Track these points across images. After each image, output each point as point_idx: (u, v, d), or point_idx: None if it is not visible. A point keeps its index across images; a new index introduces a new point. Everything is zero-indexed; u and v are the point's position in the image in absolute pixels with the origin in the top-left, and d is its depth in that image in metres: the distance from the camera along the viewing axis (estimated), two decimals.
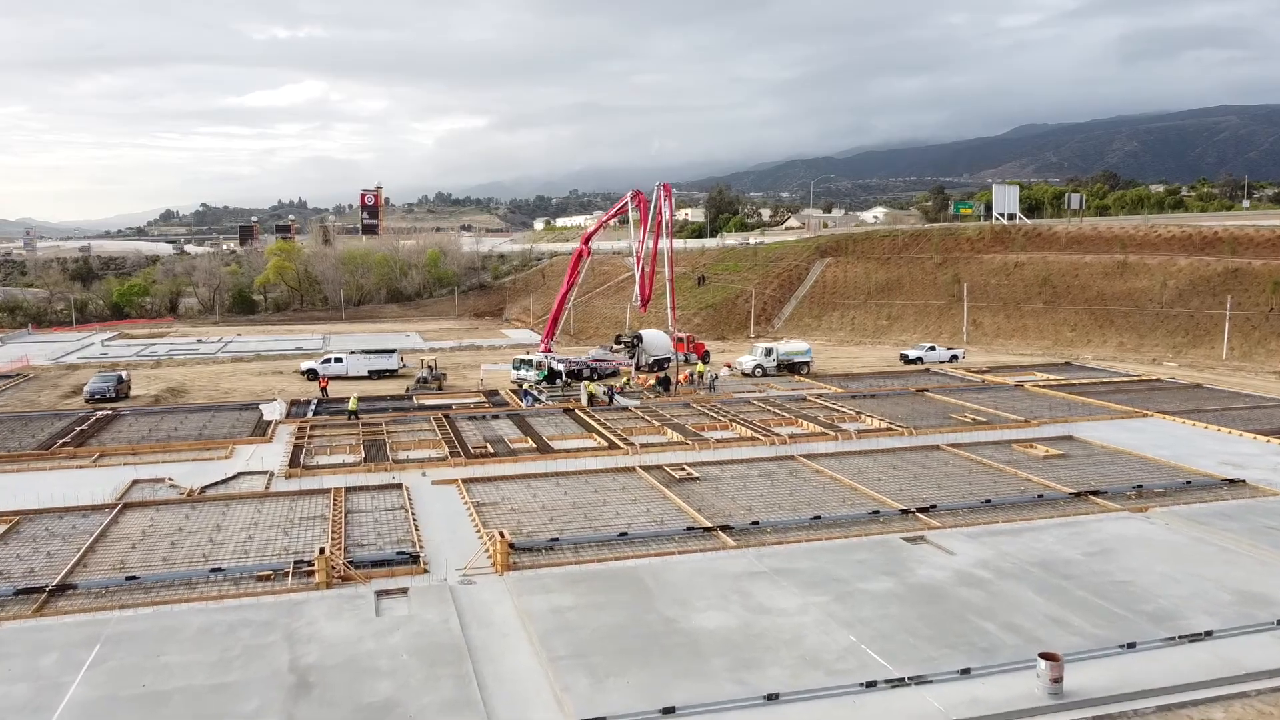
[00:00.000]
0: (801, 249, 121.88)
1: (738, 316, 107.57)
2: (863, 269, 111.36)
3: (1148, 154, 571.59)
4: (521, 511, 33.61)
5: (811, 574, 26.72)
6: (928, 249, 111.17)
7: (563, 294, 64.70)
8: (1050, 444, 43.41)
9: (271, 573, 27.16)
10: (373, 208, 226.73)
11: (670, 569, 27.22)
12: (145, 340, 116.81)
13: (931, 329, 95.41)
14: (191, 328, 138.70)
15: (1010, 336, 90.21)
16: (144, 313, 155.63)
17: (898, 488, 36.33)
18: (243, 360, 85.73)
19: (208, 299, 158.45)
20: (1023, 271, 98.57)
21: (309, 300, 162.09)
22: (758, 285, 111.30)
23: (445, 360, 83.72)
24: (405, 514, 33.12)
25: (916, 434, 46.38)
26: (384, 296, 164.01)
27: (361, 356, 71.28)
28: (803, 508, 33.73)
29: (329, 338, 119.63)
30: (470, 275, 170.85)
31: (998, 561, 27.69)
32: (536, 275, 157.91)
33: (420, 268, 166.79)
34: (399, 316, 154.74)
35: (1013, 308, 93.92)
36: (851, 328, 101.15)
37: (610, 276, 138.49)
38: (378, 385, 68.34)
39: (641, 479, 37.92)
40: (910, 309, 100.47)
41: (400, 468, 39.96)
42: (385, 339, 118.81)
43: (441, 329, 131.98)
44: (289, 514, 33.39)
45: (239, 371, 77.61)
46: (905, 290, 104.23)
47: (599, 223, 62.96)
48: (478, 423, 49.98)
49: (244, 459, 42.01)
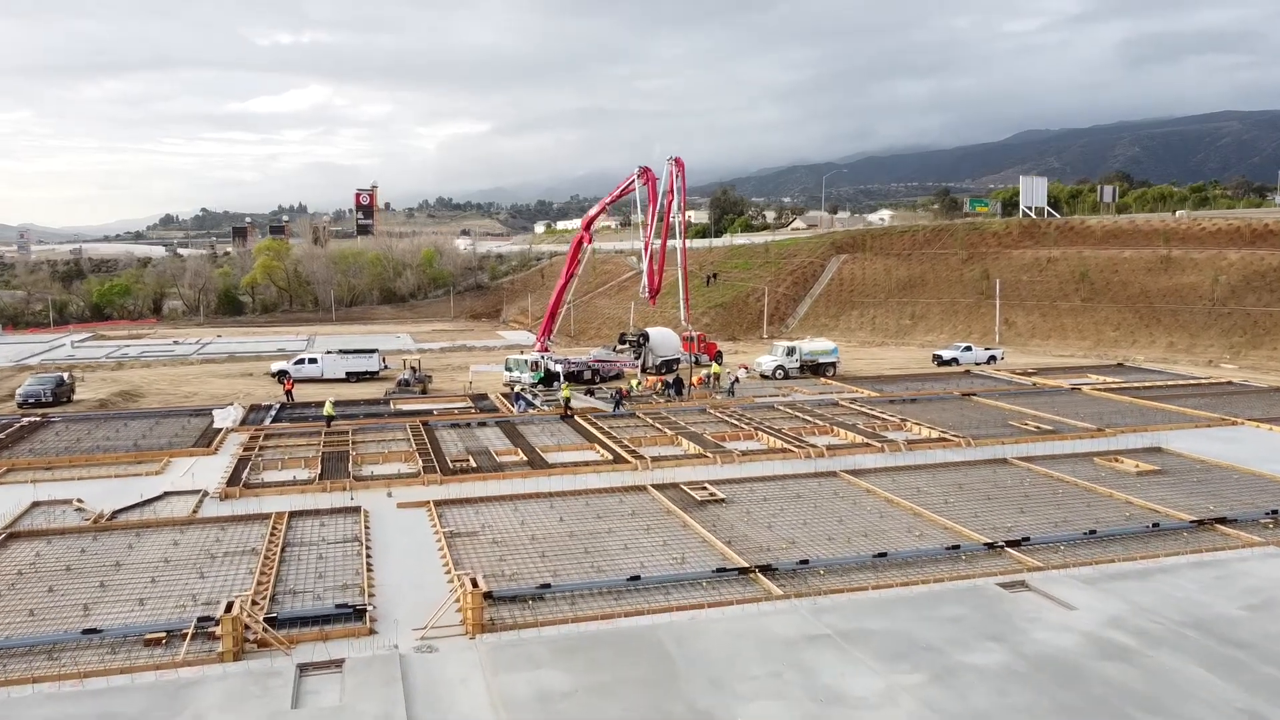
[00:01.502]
0: (815, 245, 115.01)
1: (749, 316, 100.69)
2: (882, 266, 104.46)
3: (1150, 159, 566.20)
4: (505, 544, 26.73)
5: (891, 639, 19.79)
6: (951, 245, 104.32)
7: (561, 285, 57.90)
8: (1138, 457, 36.49)
9: (164, 635, 20.27)
10: (368, 207, 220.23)
11: (699, 631, 20.30)
12: (120, 341, 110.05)
13: (960, 328, 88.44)
14: (173, 329, 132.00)
15: (1047, 336, 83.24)
16: (127, 314, 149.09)
17: (971, 513, 29.42)
18: (214, 362, 78.91)
19: (193, 300, 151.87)
20: (1056, 267, 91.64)
21: (299, 301, 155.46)
22: (770, 283, 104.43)
23: (434, 362, 76.87)
24: (358, 548, 26.24)
25: (976, 445, 39.45)
26: (377, 298, 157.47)
27: (338, 357, 64.40)
28: (859, 540, 26.83)
29: (314, 339, 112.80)
30: (467, 276, 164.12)
31: (1135, 619, 20.74)
32: (535, 275, 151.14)
33: (415, 268, 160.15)
34: (392, 318, 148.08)
35: (1048, 306, 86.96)
36: (872, 327, 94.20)
37: (613, 275, 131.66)
38: (356, 389, 61.47)
39: (655, 500, 31.03)
40: (935, 307, 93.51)
41: (362, 486, 33.06)
42: (374, 340, 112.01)
43: (435, 330, 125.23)
44: (213, 547, 26.51)
45: (206, 374, 70.75)
46: (929, 288, 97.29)
47: (601, 204, 56.32)
48: (461, 431, 43.08)
49: (177, 475, 35.13)
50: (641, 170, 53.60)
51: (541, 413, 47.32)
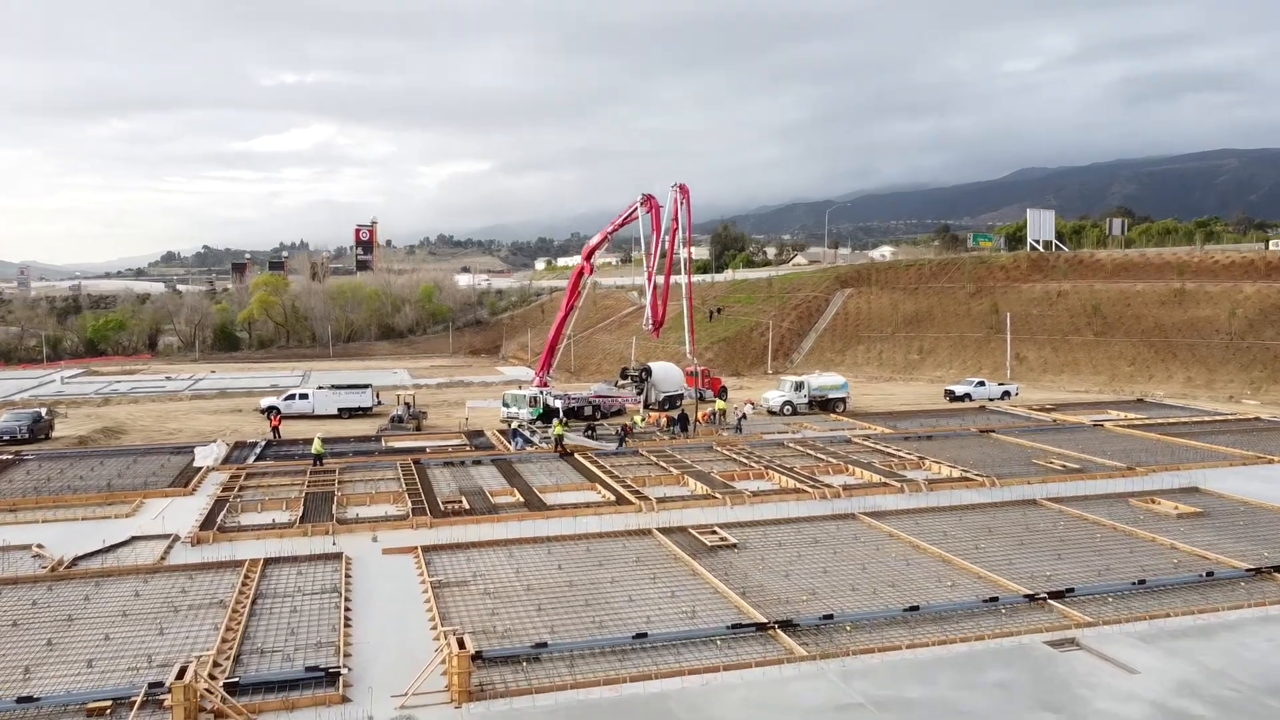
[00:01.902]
0: (820, 280, 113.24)
1: (753, 350, 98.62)
2: (888, 300, 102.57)
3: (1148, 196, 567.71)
4: (498, 594, 24.39)
5: (933, 710, 17.42)
6: (958, 278, 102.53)
7: (561, 318, 55.80)
8: (1175, 498, 34.18)
9: (109, 704, 17.90)
10: (367, 243, 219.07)
11: (715, 698, 17.93)
12: (112, 377, 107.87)
13: (969, 363, 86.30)
14: (167, 365, 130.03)
15: (1060, 371, 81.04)
16: (122, 350, 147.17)
17: (1005, 559, 27.08)
18: (204, 398, 76.67)
19: (189, 336, 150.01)
20: (1067, 301, 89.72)
21: (296, 337, 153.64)
22: (774, 318, 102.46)
23: (429, 397, 74.65)
24: (337, 599, 23.89)
25: (1001, 485, 37.12)
26: (375, 333, 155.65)
27: (330, 393, 62.18)
28: (886, 590, 24.48)
29: (310, 374, 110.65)
30: (466, 311, 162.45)
31: (1207, 685, 18.38)
32: (535, 311, 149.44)
33: (414, 303, 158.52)
34: (390, 353, 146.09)
35: (1060, 340, 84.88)
36: (879, 362, 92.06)
37: (613, 311, 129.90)
38: (347, 425, 59.23)
39: (661, 546, 28.69)
40: (944, 342, 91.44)
41: (346, 530, 30.73)
42: (370, 376, 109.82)
43: (433, 366, 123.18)
44: (178, 598, 24.16)
45: (195, 410, 68.51)
46: (937, 322, 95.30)
47: (603, 233, 54.42)
48: (454, 470, 40.76)
49: (149, 517, 32.82)
50: (644, 198, 51.69)
51: (540, 450, 45.04)
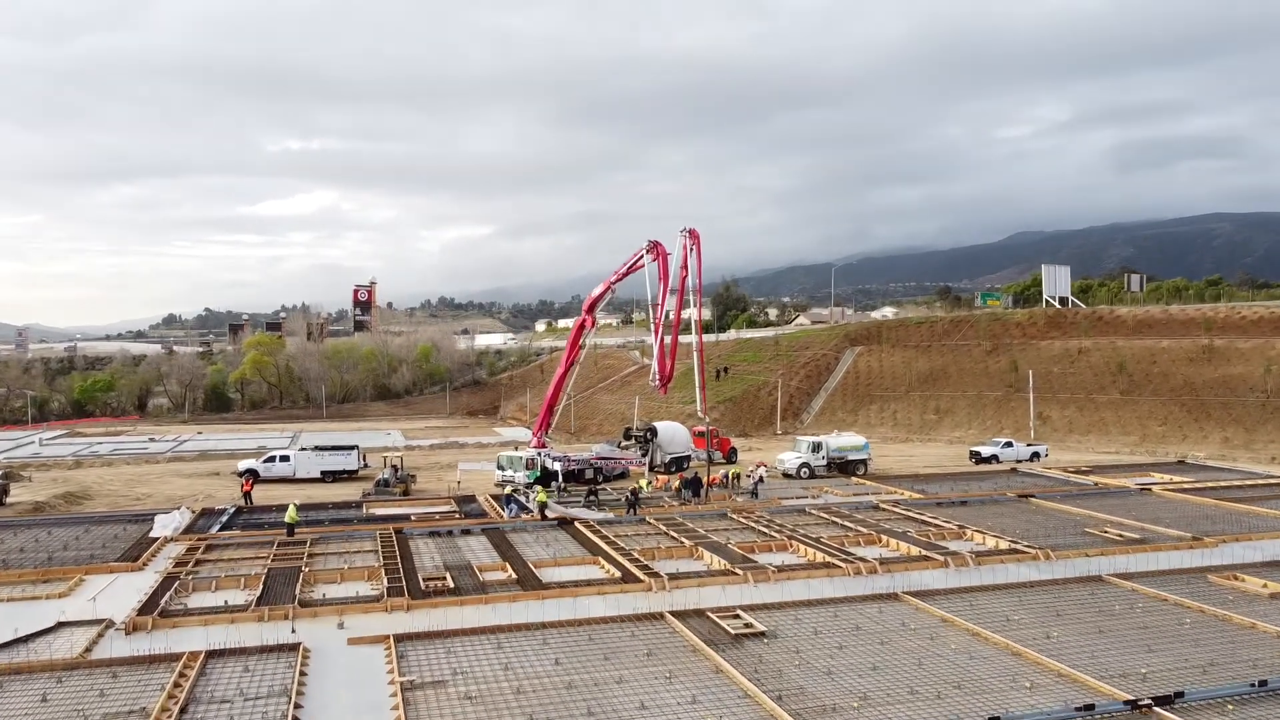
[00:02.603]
0: (828, 338, 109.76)
1: (761, 410, 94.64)
2: (900, 358, 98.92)
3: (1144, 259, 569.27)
4: (482, 699, 20.11)
5: None
6: (971, 335, 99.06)
7: (561, 374, 51.98)
8: (1260, 574, 29.93)
9: None
10: (365, 303, 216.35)
11: None
12: (95, 439, 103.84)
13: (989, 423, 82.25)
14: (155, 426, 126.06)
15: (1086, 431, 76.91)
16: (111, 411, 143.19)
17: (1085, 651, 22.82)
18: (183, 460, 72.51)
19: (179, 396, 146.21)
20: (1089, 358, 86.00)
21: (290, 398, 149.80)
22: (782, 376, 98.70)
23: (421, 460, 70.52)
24: (284, 708, 19.61)
25: (1056, 557, 32.88)
26: (371, 394, 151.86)
27: (312, 454, 58.03)
28: (952, 693, 20.21)
29: (299, 436, 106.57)
30: (464, 372, 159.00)
31: None
32: (535, 371, 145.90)
33: (411, 364, 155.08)
34: (385, 414, 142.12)
35: (1084, 399, 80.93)
36: (894, 422, 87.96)
37: (615, 370, 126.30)
38: (330, 490, 55.02)
39: (676, 634, 24.43)
40: (961, 401, 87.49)
41: (309, 614, 26.47)
42: (363, 437, 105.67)
43: (429, 427, 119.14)
44: (91, 706, 19.88)
45: (170, 473, 64.29)
46: (952, 380, 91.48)
47: (606, 283, 50.85)
48: (440, 541, 36.52)
49: (86, 598, 28.56)
50: (651, 245, 48.29)
51: (536, 518, 40.81)
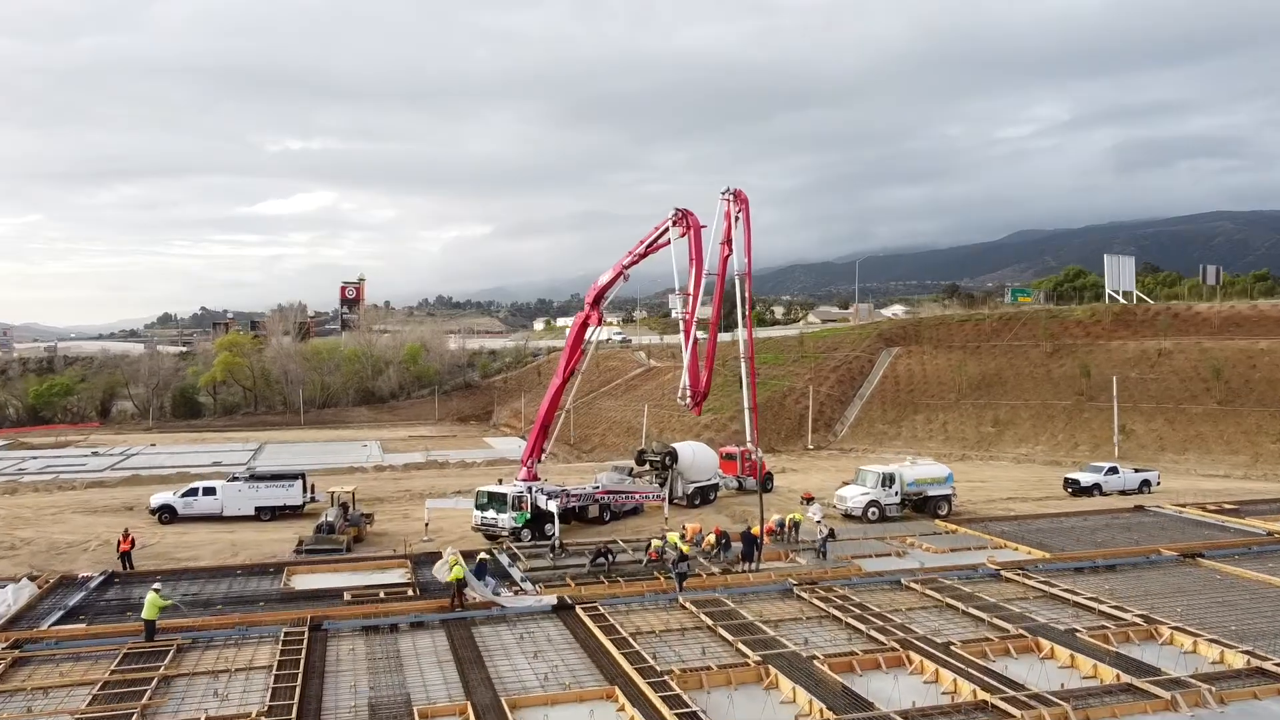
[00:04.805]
0: (859, 338, 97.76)
1: (788, 421, 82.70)
2: (945, 361, 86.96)
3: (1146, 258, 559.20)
4: None
5: None
6: (1026, 335, 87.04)
7: (558, 385, 40.19)
8: None
9: None
10: (353, 301, 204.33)
11: None
12: (34, 451, 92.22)
13: (1060, 437, 70.33)
14: (113, 435, 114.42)
15: (1183, 449, 64.91)
16: (73, 416, 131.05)
17: None
18: (105, 486, 60.51)
19: (145, 401, 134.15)
20: (1173, 362, 73.98)
21: (266, 402, 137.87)
22: (810, 381, 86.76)
23: (390, 485, 58.60)
24: None
25: None
26: (353, 398, 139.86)
27: (245, 487, 45.93)
28: None
29: (264, 448, 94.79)
30: (455, 374, 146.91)
31: None
32: (531, 373, 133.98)
33: (398, 365, 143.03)
34: (369, 421, 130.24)
35: (1174, 410, 68.90)
36: (945, 435, 76.01)
37: (619, 372, 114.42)
38: (265, 532, 43.15)
39: None
40: (1024, 411, 75.45)
41: None
42: (337, 448, 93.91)
43: (412, 437, 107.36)
44: None
45: (79, 505, 52.23)
46: (1010, 387, 79.47)
47: (617, 268, 38.93)
48: (376, 643, 24.58)
49: None
50: (679, 214, 36.45)
51: (522, 593, 28.81)
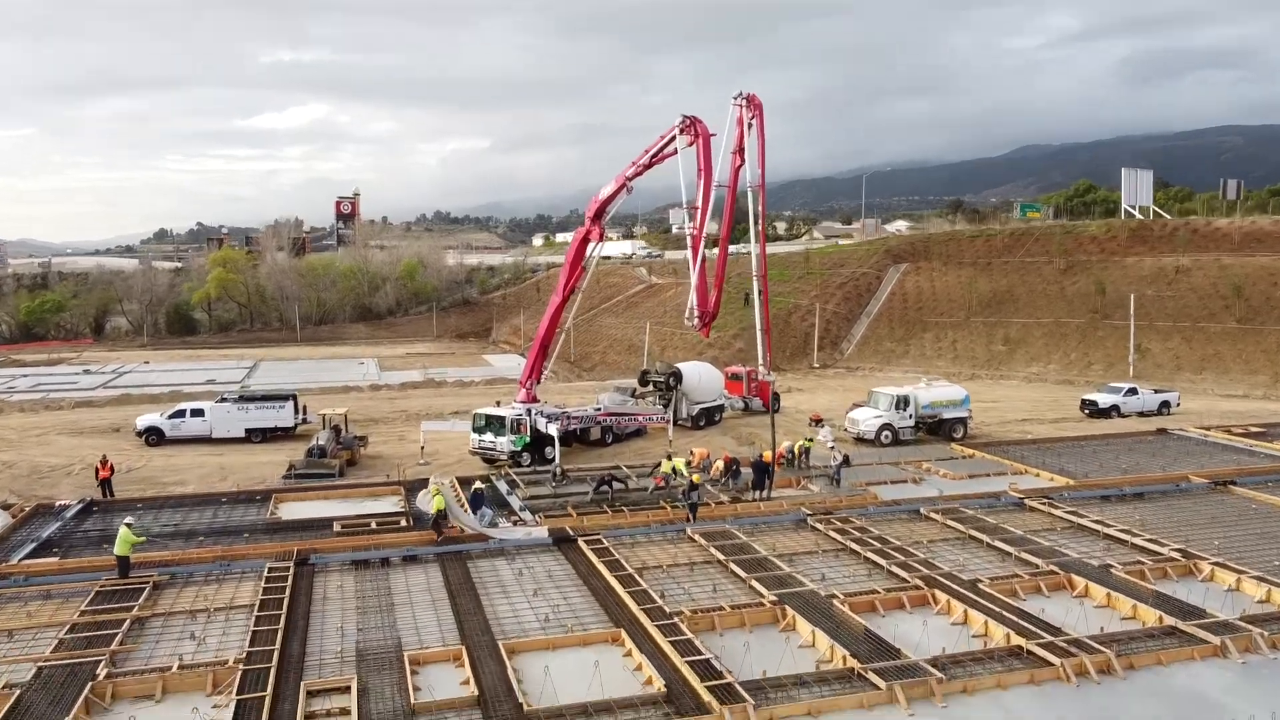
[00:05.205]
0: (866, 254, 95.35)
1: (793, 339, 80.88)
2: (955, 278, 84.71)
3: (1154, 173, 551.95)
4: None
5: None
6: (1039, 251, 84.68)
7: (558, 304, 38.26)
8: None
9: None
10: (348, 216, 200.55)
11: None
12: (21, 370, 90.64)
13: (1073, 356, 68.66)
14: (107, 352, 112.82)
15: (1200, 369, 63.29)
16: (66, 333, 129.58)
17: None
18: (93, 405, 59.04)
19: (140, 317, 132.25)
20: (1191, 279, 71.83)
21: (261, 319, 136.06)
22: (816, 299, 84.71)
23: (385, 405, 57.16)
24: None
25: None
26: (350, 315, 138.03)
27: (234, 408, 44.38)
28: None
29: (259, 366, 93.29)
30: (453, 290, 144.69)
31: None
32: (530, 289, 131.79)
33: (395, 281, 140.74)
34: (366, 338, 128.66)
35: (1191, 328, 67.05)
36: (954, 354, 74.35)
37: (619, 289, 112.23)
38: (255, 454, 41.73)
39: None
40: (1036, 330, 73.60)
41: None
42: (334, 366, 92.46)
43: (410, 354, 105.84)
44: None
45: (65, 426, 50.79)
46: (1022, 304, 77.44)
47: (619, 180, 36.49)
48: (366, 576, 23.14)
49: None
50: (686, 121, 34.01)
51: (520, 523, 27.37)
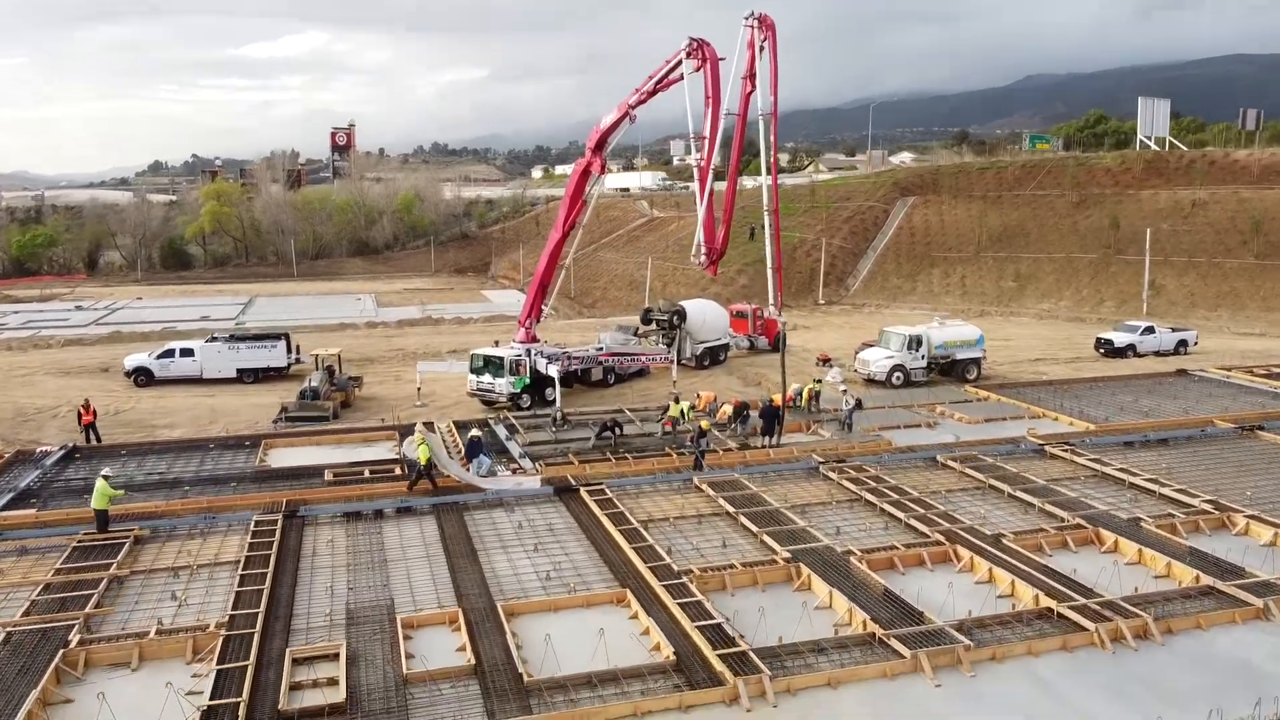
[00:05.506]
0: (874, 187, 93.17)
1: (798, 275, 79.28)
2: (965, 211, 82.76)
3: None
4: None
5: None
6: (1051, 184, 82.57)
7: (557, 240, 36.71)
8: None
9: None
10: (344, 147, 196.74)
11: None
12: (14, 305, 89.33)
13: (1085, 292, 67.22)
14: (102, 287, 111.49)
15: (1215, 306, 61.92)
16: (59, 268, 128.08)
17: None
18: (82, 344, 57.79)
19: (133, 252, 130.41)
20: (1208, 213, 69.99)
21: (257, 254, 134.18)
22: (822, 233, 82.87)
23: (382, 343, 55.95)
24: None
25: None
26: (347, 249, 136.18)
27: (225, 347, 43.12)
28: None
29: (254, 302, 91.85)
30: (451, 224, 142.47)
31: None
32: (529, 223, 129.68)
33: (392, 215, 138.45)
34: (363, 273, 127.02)
35: (1207, 265, 65.50)
36: (963, 290, 72.87)
37: (620, 222, 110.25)
38: (247, 395, 40.61)
39: None
40: (1047, 265, 71.99)
41: None
42: (332, 302, 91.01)
43: (408, 289, 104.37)
44: None
45: (52, 365, 49.58)
46: (1033, 239, 75.69)
47: (622, 107, 34.53)
48: (358, 530, 22.08)
49: None
50: (693, 44, 32.10)
51: (521, 473, 26.26)
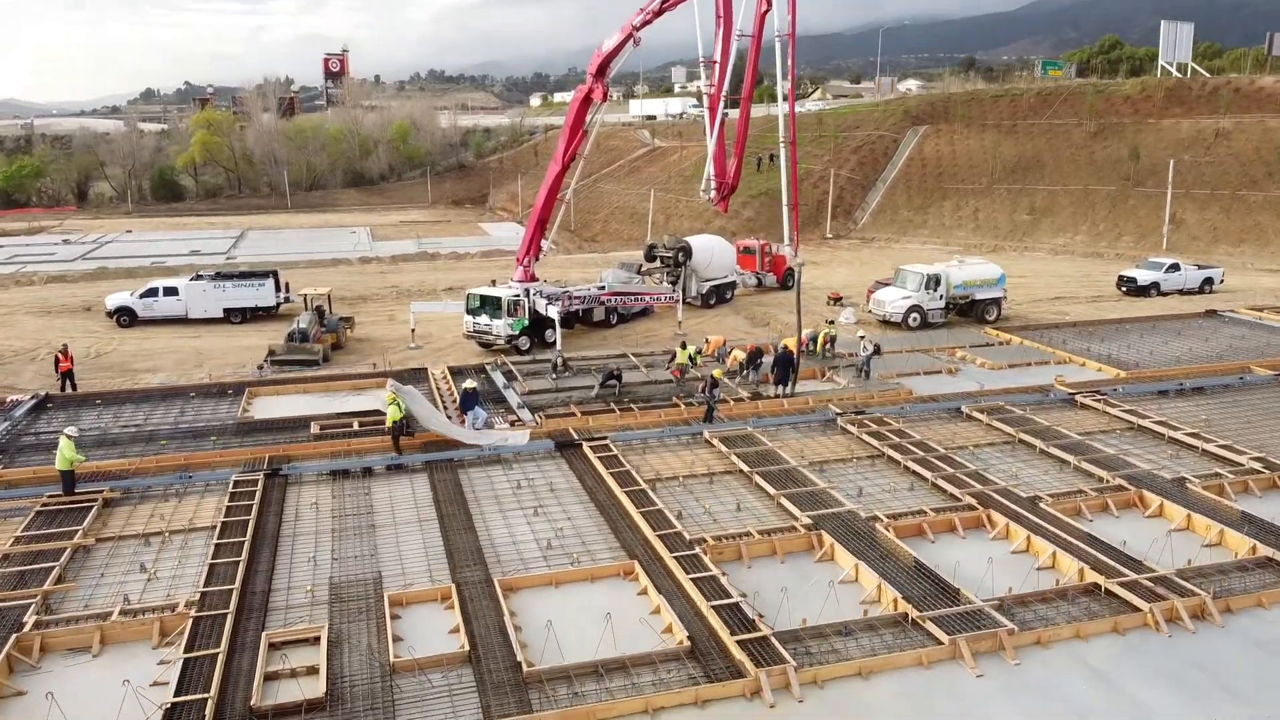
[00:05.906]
0: (883, 116, 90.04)
1: (804, 208, 76.48)
2: (977, 142, 79.96)
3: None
4: None
5: None
6: (1066, 113, 79.60)
7: (557, 175, 34.62)
8: None
9: None
10: (337, 74, 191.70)
11: None
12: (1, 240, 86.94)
13: (1102, 227, 65.03)
14: (91, 220, 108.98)
15: (1238, 242, 59.80)
16: (49, 200, 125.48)
17: None
18: (66, 281, 55.86)
19: (124, 183, 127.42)
20: (1231, 144, 67.35)
21: (249, 185, 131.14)
22: (830, 164, 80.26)
23: (375, 280, 54.03)
24: None
25: None
26: (342, 180, 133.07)
27: (210, 286, 41.29)
28: None
29: (245, 235, 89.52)
30: (448, 154, 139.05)
31: None
32: (528, 152, 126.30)
33: (387, 144, 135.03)
34: (358, 204, 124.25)
35: (1230, 198, 63.15)
36: (975, 224, 70.63)
37: (621, 152, 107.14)
38: (233, 337, 38.94)
39: None
40: (1063, 198, 69.62)
41: None
42: (326, 235, 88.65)
43: (404, 222, 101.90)
44: None
45: (34, 303, 47.77)
46: (1049, 171, 73.12)
47: (625, 29, 32.05)
48: (346, 490, 20.58)
49: None
50: None
51: (521, 427, 24.72)
